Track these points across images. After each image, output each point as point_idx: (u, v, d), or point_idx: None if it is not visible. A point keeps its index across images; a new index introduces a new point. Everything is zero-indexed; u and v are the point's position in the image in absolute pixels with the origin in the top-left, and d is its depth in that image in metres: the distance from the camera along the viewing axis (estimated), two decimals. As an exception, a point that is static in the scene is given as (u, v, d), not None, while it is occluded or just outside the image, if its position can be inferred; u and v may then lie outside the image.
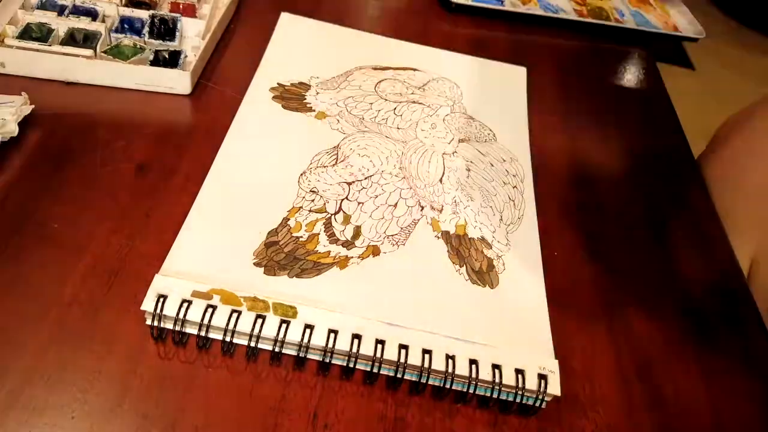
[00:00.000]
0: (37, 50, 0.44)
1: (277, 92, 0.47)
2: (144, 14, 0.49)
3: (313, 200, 0.40)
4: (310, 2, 0.58)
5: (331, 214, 0.40)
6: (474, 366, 0.33)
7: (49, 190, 0.38)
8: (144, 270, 0.35)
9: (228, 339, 0.32)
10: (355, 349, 0.32)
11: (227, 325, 0.32)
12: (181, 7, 0.51)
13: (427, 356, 0.33)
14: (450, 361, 0.33)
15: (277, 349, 0.32)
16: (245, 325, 0.32)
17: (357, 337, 0.33)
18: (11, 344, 0.32)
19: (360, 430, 0.31)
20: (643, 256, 0.43)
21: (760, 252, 0.46)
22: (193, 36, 0.49)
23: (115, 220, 0.38)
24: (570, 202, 0.45)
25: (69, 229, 0.37)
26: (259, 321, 0.33)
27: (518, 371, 0.33)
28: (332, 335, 0.33)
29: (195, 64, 0.46)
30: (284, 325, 0.33)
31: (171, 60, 0.47)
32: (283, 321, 0.33)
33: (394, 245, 0.39)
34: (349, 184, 0.42)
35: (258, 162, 0.42)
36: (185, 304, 0.32)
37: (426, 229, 0.40)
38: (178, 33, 0.48)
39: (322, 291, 0.35)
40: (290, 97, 0.47)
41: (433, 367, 0.32)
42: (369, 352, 0.33)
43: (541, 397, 0.32)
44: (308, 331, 0.33)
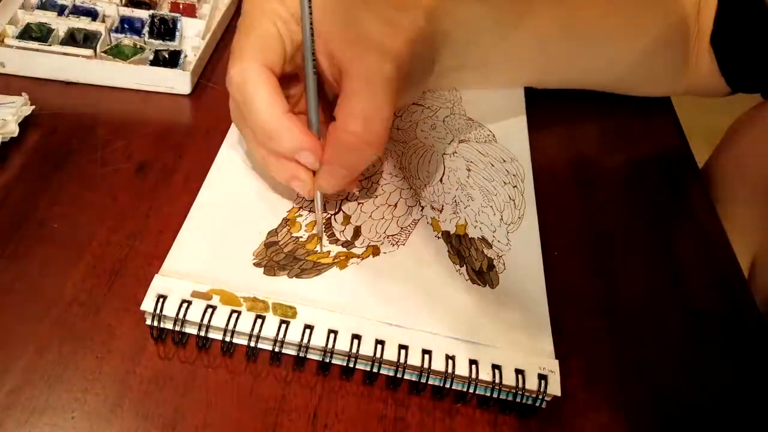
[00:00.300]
0: (37, 50, 0.44)
1: (277, 92, 0.47)
2: (144, 14, 0.49)
3: (313, 200, 0.40)
4: (310, 2, 0.58)
5: (331, 214, 0.40)
6: (474, 366, 0.33)
7: (49, 190, 0.38)
8: (144, 270, 0.35)
9: (228, 339, 0.32)
10: (355, 350, 0.32)
11: (227, 325, 0.32)
12: (181, 7, 0.51)
13: (426, 356, 0.33)
14: (450, 361, 0.33)
15: (277, 349, 0.32)
16: (245, 325, 0.32)
17: (357, 337, 0.33)
18: (11, 344, 0.32)
19: (360, 430, 0.31)
20: (643, 256, 0.43)
21: (761, 254, 0.46)
22: (193, 36, 0.49)
23: (115, 220, 0.38)
24: (570, 202, 0.45)
25: (69, 229, 0.37)
26: (259, 321, 0.33)
27: (518, 371, 0.33)
28: (332, 335, 0.33)
29: (195, 64, 0.46)
30: (284, 326, 0.33)
31: (171, 60, 0.47)
32: (283, 321, 0.33)
33: (394, 245, 0.39)
34: (349, 184, 0.42)
35: (258, 162, 0.42)
36: (185, 305, 0.32)
37: (426, 229, 0.40)
38: (178, 33, 0.48)
39: (322, 291, 0.35)
40: (290, 97, 0.47)
41: (433, 367, 0.32)
42: (369, 353, 0.33)
43: (541, 397, 0.32)
44: (308, 331, 0.33)
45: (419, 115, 0.48)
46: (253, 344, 0.32)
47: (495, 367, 0.33)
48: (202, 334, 0.32)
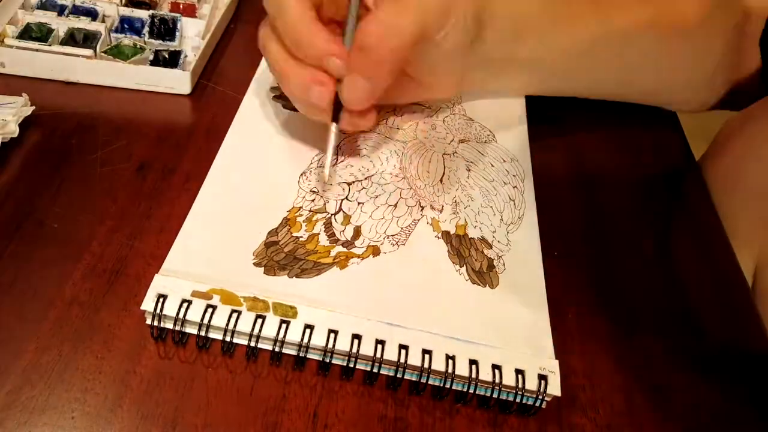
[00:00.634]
0: (37, 50, 0.44)
1: (277, 92, 0.47)
2: (144, 14, 0.49)
3: (313, 200, 0.40)
4: (310, 2, 0.58)
5: (331, 214, 0.40)
6: (474, 366, 0.33)
7: (49, 190, 0.38)
8: (144, 270, 0.35)
9: (228, 339, 0.32)
10: (355, 350, 0.32)
11: (227, 325, 0.32)
12: (181, 7, 0.51)
13: (427, 356, 0.33)
14: (450, 362, 0.33)
15: (277, 349, 0.33)
16: (245, 325, 0.32)
17: (357, 337, 0.33)
18: (11, 344, 0.32)
19: (360, 430, 0.31)
20: (643, 257, 0.43)
21: (763, 256, 0.46)
22: (193, 36, 0.49)
23: (115, 220, 0.38)
24: (570, 202, 0.45)
25: (69, 229, 0.37)
26: (259, 321, 0.33)
27: (518, 371, 0.33)
28: (332, 335, 0.33)
29: (195, 64, 0.46)
30: (284, 325, 0.33)
31: (171, 60, 0.47)
32: (283, 321, 0.33)
33: (394, 245, 0.39)
34: (349, 184, 0.42)
35: (258, 162, 0.42)
36: (185, 304, 0.32)
37: (426, 229, 0.40)
38: (178, 33, 0.48)
39: (323, 291, 0.35)
40: (290, 97, 0.47)
41: (433, 367, 0.32)
42: (369, 353, 0.33)
43: (541, 397, 0.32)
44: (308, 331, 0.33)
45: (419, 115, 0.48)
46: (253, 344, 0.32)
47: (495, 367, 0.33)
48: (202, 333, 0.32)
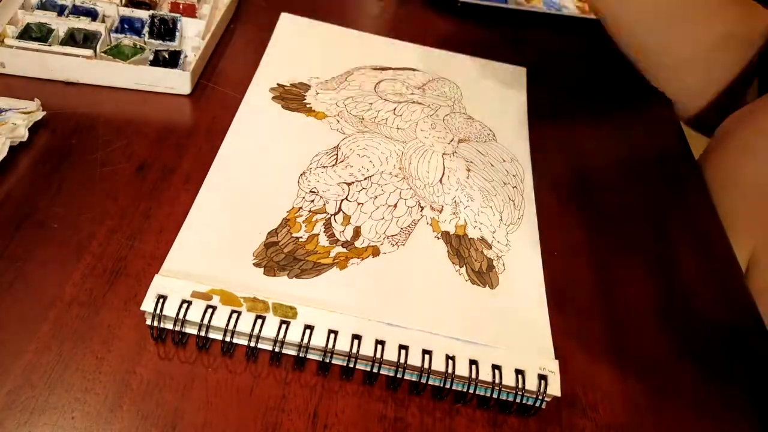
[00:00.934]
0: (37, 50, 0.44)
1: (277, 92, 0.47)
2: (144, 14, 0.49)
3: (312, 201, 0.40)
4: (310, 2, 0.58)
5: (331, 215, 0.40)
6: (474, 366, 0.33)
7: (49, 190, 0.38)
8: (144, 270, 0.35)
9: (228, 339, 0.32)
10: (355, 350, 0.32)
11: (227, 325, 0.32)
12: (181, 7, 0.51)
13: (427, 356, 0.33)
14: (450, 362, 0.33)
15: (277, 350, 0.33)
16: (245, 325, 0.32)
17: (357, 337, 0.33)
18: (11, 344, 0.32)
19: (360, 430, 0.31)
20: (642, 255, 0.43)
21: (760, 252, 0.46)
22: (193, 36, 0.49)
23: (115, 220, 0.38)
24: (570, 202, 0.45)
25: (69, 229, 0.37)
26: (259, 321, 0.33)
27: (518, 371, 0.33)
28: (332, 335, 0.33)
29: (195, 64, 0.46)
30: (284, 326, 0.33)
31: (171, 60, 0.47)
32: (283, 321, 0.33)
33: (393, 246, 0.39)
34: (348, 184, 0.42)
35: (258, 162, 0.42)
36: (185, 305, 0.32)
37: (426, 230, 0.40)
38: (178, 33, 0.48)
39: (322, 291, 0.35)
40: (290, 97, 0.47)
41: (433, 367, 0.32)
42: (369, 353, 0.33)
43: (541, 397, 0.32)
44: (308, 331, 0.33)
45: (419, 114, 0.48)
46: (253, 344, 0.32)
47: (495, 367, 0.33)
48: (202, 334, 0.32)
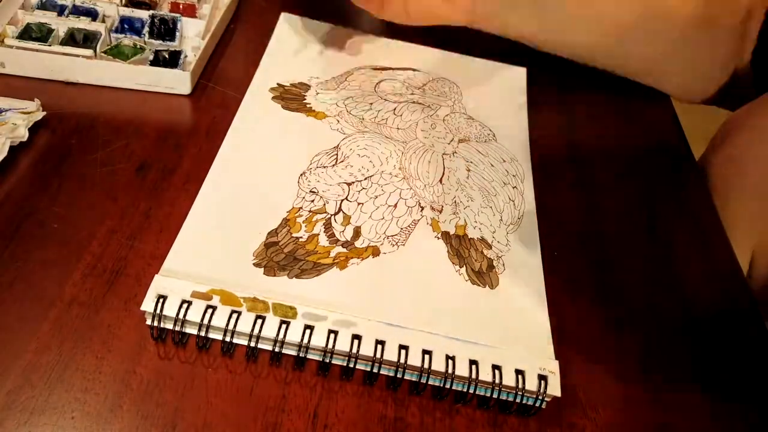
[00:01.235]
0: (37, 50, 0.44)
1: (277, 92, 0.47)
2: (144, 14, 0.49)
3: (312, 201, 0.40)
4: (310, 2, 0.58)
5: (331, 215, 0.40)
6: (474, 366, 0.33)
7: (49, 190, 0.38)
8: (144, 270, 0.35)
9: (228, 339, 0.32)
10: (355, 350, 0.32)
11: (227, 325, 0.32)
12: (181, 7, 0.51)
13: (427, 356, 0.33)
14: (450, 362, 0.33)
15: (277, 350, 0.33)
16: (245, 325, 0.32)
17: (357, 337, 0.33)
18: (11, 344, 0.32)
19: (360, 430, 0.31)
20: (643, 255, 0.43)
21: (759, 251, 0.46)
22: (193, 36, 0.49)
23: (115, 220, 0.38)
24: (570, 202, 0.45)
25: (69, 229, 0.37)
26: (259, 321, 0.33)
27: (518, 372, 0.33)
28: (332, 336, 0.33)
29: (195, 64, 0.46)
30: (284, 326, 0.33)
31: (171, 60, 0.47)
32: (283, 321, 0.33)
33: (394, 246, 0.39)
34: (348, 184, 0.42)
35: (258, 162, 0.42)
36: (185, 305, 0.32)
37: (426, 230, 0.40)
38: (178, 33, 0.48)
39: (322, 291, 0.35)
40: (290, 97, 0.47)
41: (433, 367, 0.32)
42: (369, 353, 0.33)
43: (541, 397, 0.32)
44: (308, 331, 0.33)
45: (419, 114, 0.48)
46: (253, 344, 0.32)
47: (495, 367, 0.33)
48: (202, 334, 0.32)
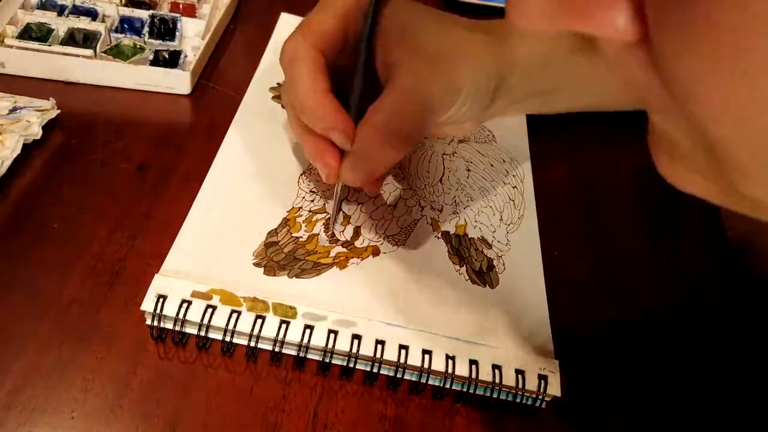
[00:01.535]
0: (37, 50, 0.44)
1: (277, 92, 0.47)
2: (144, 14, 0.49)
3: (312, 200, 0.40)
4: (310, 2, 0.57)
5: (335, 212, 0.40)
6: (474, 366, 0.33)
7: (49, 190, 0.38)
8: (144, 270, 0.35)
9: (228, 339, 0.32)
10: (355, 350, 0.32)
11: (227, 325, 0.32)
12: (181, 7, 0.51)
13: (427, 356, 0.33)
14: (450, 362, 0.33)
15: (277, 349, 0.33)
16: (245, 325, 0.32)
17: (357, 337, 0.33)
18: (11, 344, 0.32)
19: (360, 430, 0.31)
20: (643, 255, 0.43)
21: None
22: (193, 36, 0.49)
23: (115, 220, 0.38)
24: (569, 202, 0.45)
25: (69, 229, 0.37)
26: (259, 321, 0.33)
27: (518, 371, 0.33)
28: (332, 335, 0.33)
29: (195, 64, 0.46)
30: (284, 326, 0.33)
31: (171, 60, 0.47)
32: (283, 321, 0.33)
33: (394, 245, 0.39)
34: (349, 184, 0.42)
35: (258, 162, 0.42)
36: (185, 305, 0.32)
37: (426, 230, 0.40)
38: (178, 33, 0.48)
39: (322, 291, 0.35)
40: (290, 97, 0.47)
41: (433, 367, 0.32)
42: (369, 353, 0.33)
43: (541, 397, 0.32)
44: (308, 331, 0.33)
45: (419, 115, 0.48)
46: (253, 344, 0.32)
47: (495, 367, 0.33)
48: (202, 334, 0.32)
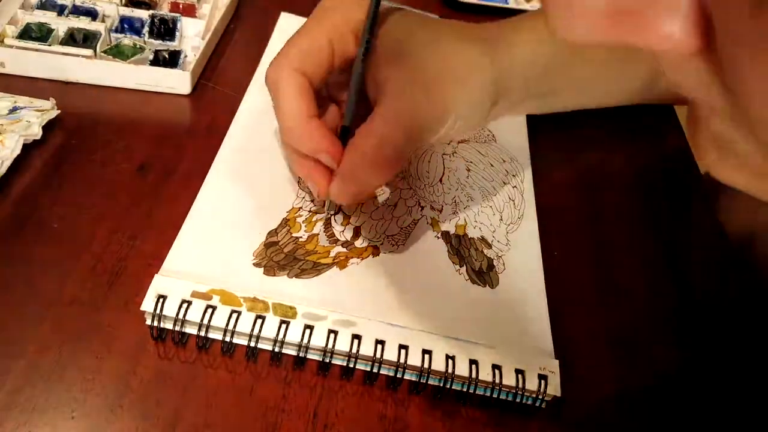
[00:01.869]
0: (37, 50, 0.44)
1: (277, 92, 0.47)
2: (144, 14, 0.49)
3: (313, 200, 0.40)
4: (310, 2, 0.57)
5: (331, 215, 0.40)
6: (474, 366, 0.33)
7: (49, 190, 0.38)
8: (144, 270, 0.35)
9: (228, 339, 0.32)
10: (355, 350, 0.32)
11: (227, 325, 0.32)
12: (181, 7, 0.51)
13: (427, 356, 0.33)
14: (450, 361, 0.33)
15: (277, 350, 0.33)
16: (245, 325, 0.32)
17: (357, 337, 0.33)
18: (11, 344, 0.32)
19: (360, 430, 0.31)
20: (643, 255, 0.43)
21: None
22: (193, 36, 0.49)
23: (115, 220, 0.38)
24: (570, 202, 0.45)
25: (69, 229, 0.37)
26: (259, 321, 0.33)
27: (518, 371, 0.33)
28: (332, 335, 0.33)
29: (195, 64, 0.46)
30: (284, 326, 0.33)
31: (171, 60, 0.47)
32: (283, 321, 0.33)
33: (394, 245, 0.39)
34: (349, 184, 0.42)
35: (258, 162, 0.42)
36: (185, 305, 0.32)
37: (426, 230, 0.40)
38: (178, 33, 0.48)
39: (322, 291, 0.35)
40: (290, 97, 0.47)
41: (433, 367, 0.32)
42: (369, 353, 0.33)
43: (541, 397, 0.32)
44: (308, 331, 0.33)
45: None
46: (253, 344, 0.32)
47: (495, 367, 0.33)
48: (202, 334, 0.32)
